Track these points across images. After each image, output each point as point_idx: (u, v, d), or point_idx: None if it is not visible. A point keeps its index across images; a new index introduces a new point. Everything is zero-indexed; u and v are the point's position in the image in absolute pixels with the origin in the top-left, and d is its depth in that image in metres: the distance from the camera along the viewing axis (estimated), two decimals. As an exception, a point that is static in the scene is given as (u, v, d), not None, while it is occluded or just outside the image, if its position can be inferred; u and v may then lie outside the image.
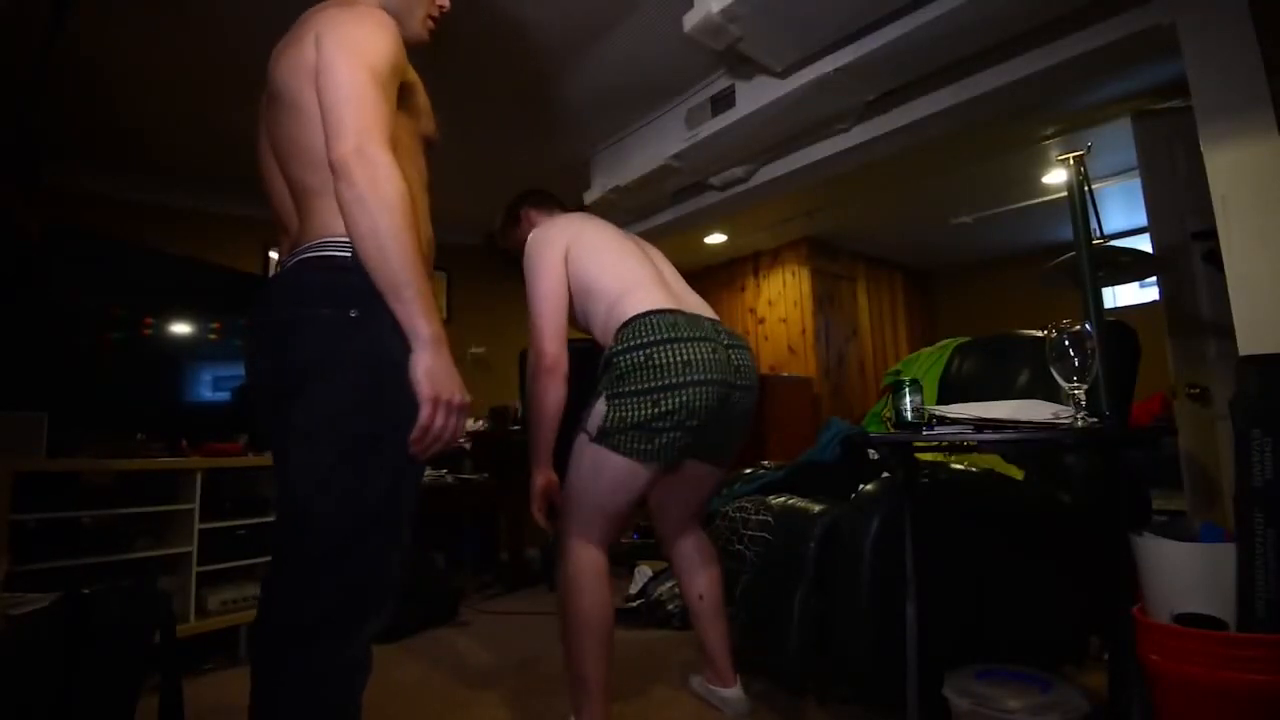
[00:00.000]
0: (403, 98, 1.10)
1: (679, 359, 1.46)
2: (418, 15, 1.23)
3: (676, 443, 1.48)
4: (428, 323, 0.95)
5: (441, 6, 1.27)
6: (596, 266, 1.62)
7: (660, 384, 1.44)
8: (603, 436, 1.48)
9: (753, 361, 1.66)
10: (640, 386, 1.45)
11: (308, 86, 1.02)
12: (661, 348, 1.47)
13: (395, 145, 1.00)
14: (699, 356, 1.48)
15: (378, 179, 0.94)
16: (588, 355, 1.66)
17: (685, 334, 1.50)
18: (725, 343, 1.58)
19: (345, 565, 0.97)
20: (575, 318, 1.67)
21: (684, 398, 1.44)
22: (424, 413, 0.95)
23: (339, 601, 0.97)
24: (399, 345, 0.97)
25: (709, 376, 1.48)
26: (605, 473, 1.50)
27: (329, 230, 1.01)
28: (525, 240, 1.71)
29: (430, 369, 0.95)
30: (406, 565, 1.06)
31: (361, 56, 1.00)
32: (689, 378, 1.45)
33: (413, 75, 1.15)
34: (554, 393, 1.55)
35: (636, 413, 1.45)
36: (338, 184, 0.95)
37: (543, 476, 1.61)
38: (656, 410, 1.44)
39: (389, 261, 0.94)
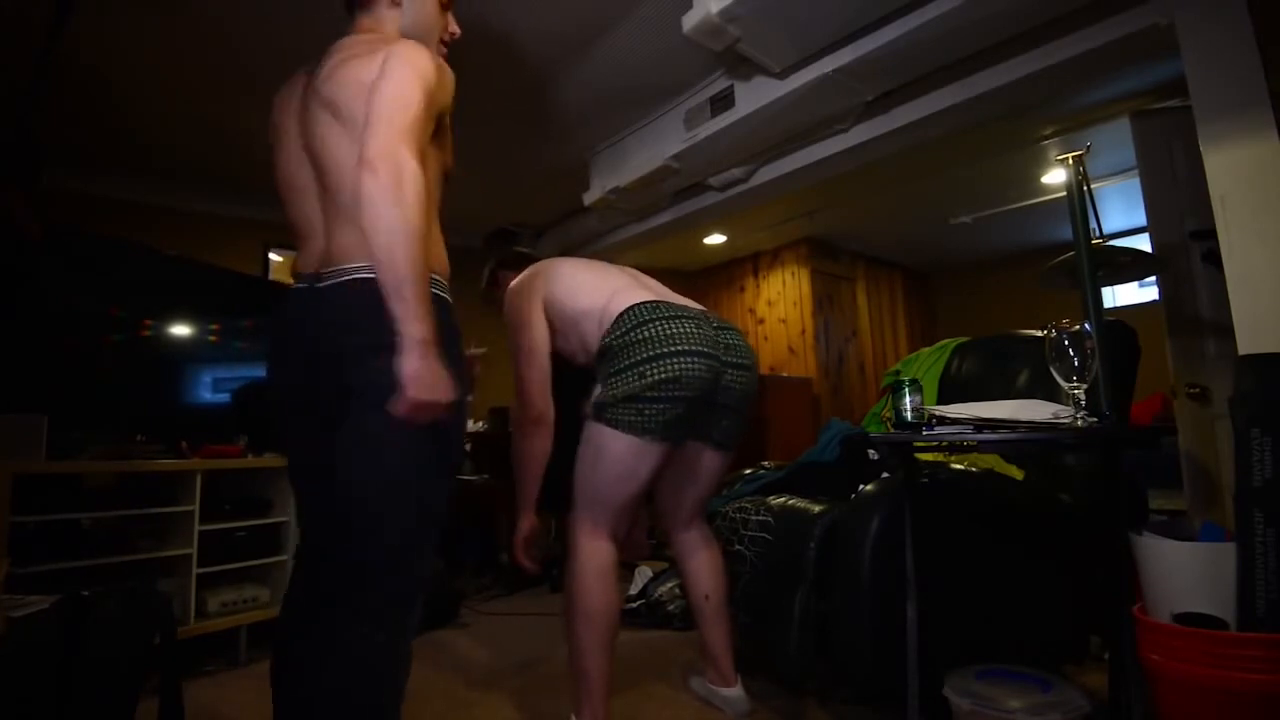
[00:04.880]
0: (438, 132, 1.16)
1: (663, 333, 1.52)
2: (431, 41, 1.29)
3: (668, 414, 1.50)
4: (422, 325, 0.97)
5: (453, 33, 1.34)
6: (578, 291, 1.67)
7: (646, 356, 1.50)
8: (598, 412, 1.53)
9: (746, 344, 1.70)
10: (628, 362, 1.51)
11: (363, 102, 1.06)
12: (646, 326, 1.53)
13: (423, 166, 1.04)
14: (682, 330, 1.54)
15: (403, 178, 0.98)
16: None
17: (667, 314, 1.56)
18: (713, 324, 1.63)
19: (401, 563, 1.05)
20: (575, 354, 1.71)
21: (670, 368, 1.49)
22: (400, 409, 0.97)
23: (364, 597, 1.03)
24: (453, 371, 1.03)
25: (693, 348, 1.52)
26: (606, 452, 1.53)
27: (360, 254, 1.06)
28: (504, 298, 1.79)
29: (416, 372, 0.96)
30: (430, 563, 1.14)
31: (422, 75, 1.07)
32: (672, 348, 1.50)
33: (449, 119, 1.22)
34: (539, 443, 1.64)
35: (626, 386, 1.50)
36: (362, 174, 0.98)
37: (527, 522, 1.68)
38: (644, 382, 1.48)
39: (396, 258, 0.96)
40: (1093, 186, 1.57)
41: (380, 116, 1.01)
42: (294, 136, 1.19)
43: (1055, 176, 3.80)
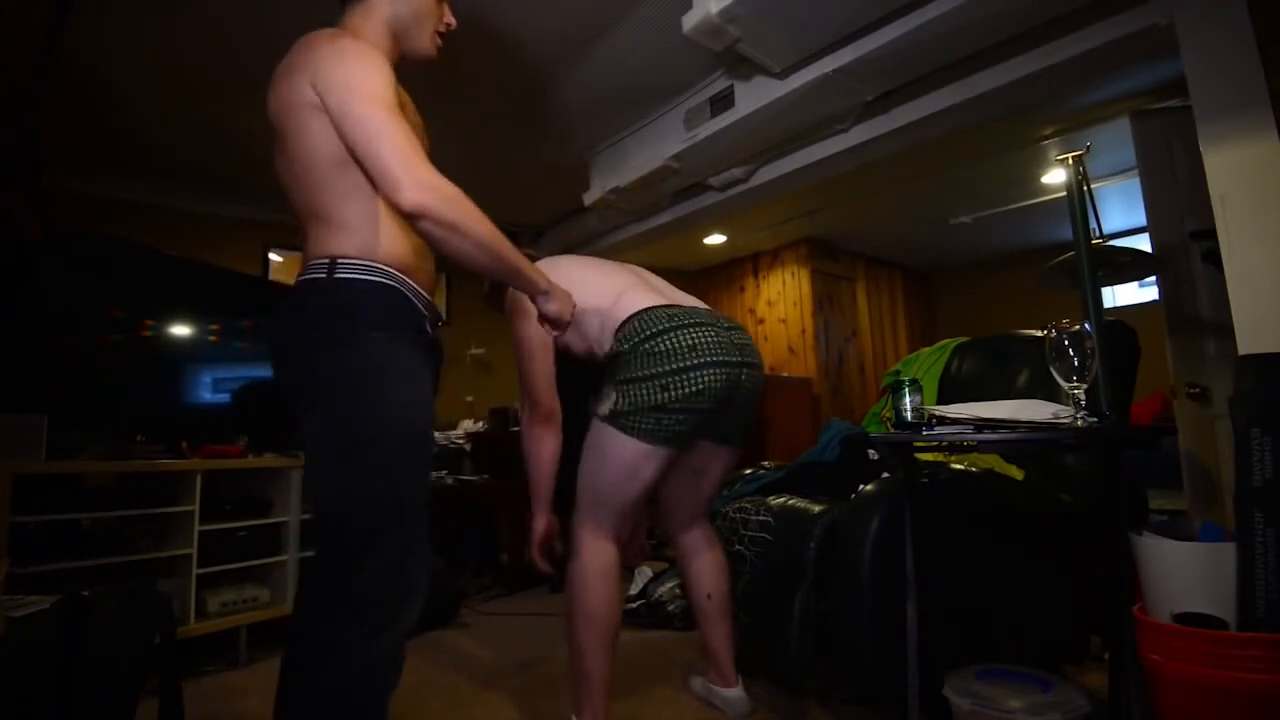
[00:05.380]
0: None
1: (684, 344, 1.49)
2: (426, 32, 1.27)
3: (686, 425, 1.49)
4: (542, 281, 1.21)
5: (449, 24, 1.32)
6: (582, 288, 1.63)
7: (669, 368, 1.46)
8: (614, 417, 1.50)
9: (751, 341, 1.68)
10: (650, 372, 1.47)
11: (294, 120, 1.08)
12: (664, 336, 1.49)
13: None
14: (703, 340, 1.50)
15: (450, 199, 1.03)
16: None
17: (685, 321, 1.53)
18: (725, 325, 1.61)
19: (367, 561, 1.04)
20: (571, 345, 1.68)
21: (695, 382, 1.46)
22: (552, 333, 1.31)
23: (361, 597, 1.04)
24: (381, 355, 1.08)
25: (716, 358, 1.50)
26: (616, 455, 1.51)
27: (318, 252, 1.10)
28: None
29: (553, 310, 1.25)
30: (426, 563, 1.13)
31: (372, 96, 1.05)
32: (697, 360, 1.47)
33: (403, 96, 1.20)
34: (550, 441, 1.62)
35: (649, 398, 1.46)
36: (421, 224, 1.02)
37: (542, 521, 1.66)
38: (668, 395, 1.46)
39: (501, 260, 1.11)
40: (1093, 186, 1.57)
41: (382, 165, 1.01)
42: None
43: (1055, 176, 3.80)
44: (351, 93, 1.04)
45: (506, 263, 1.13)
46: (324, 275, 1.07)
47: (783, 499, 1.94)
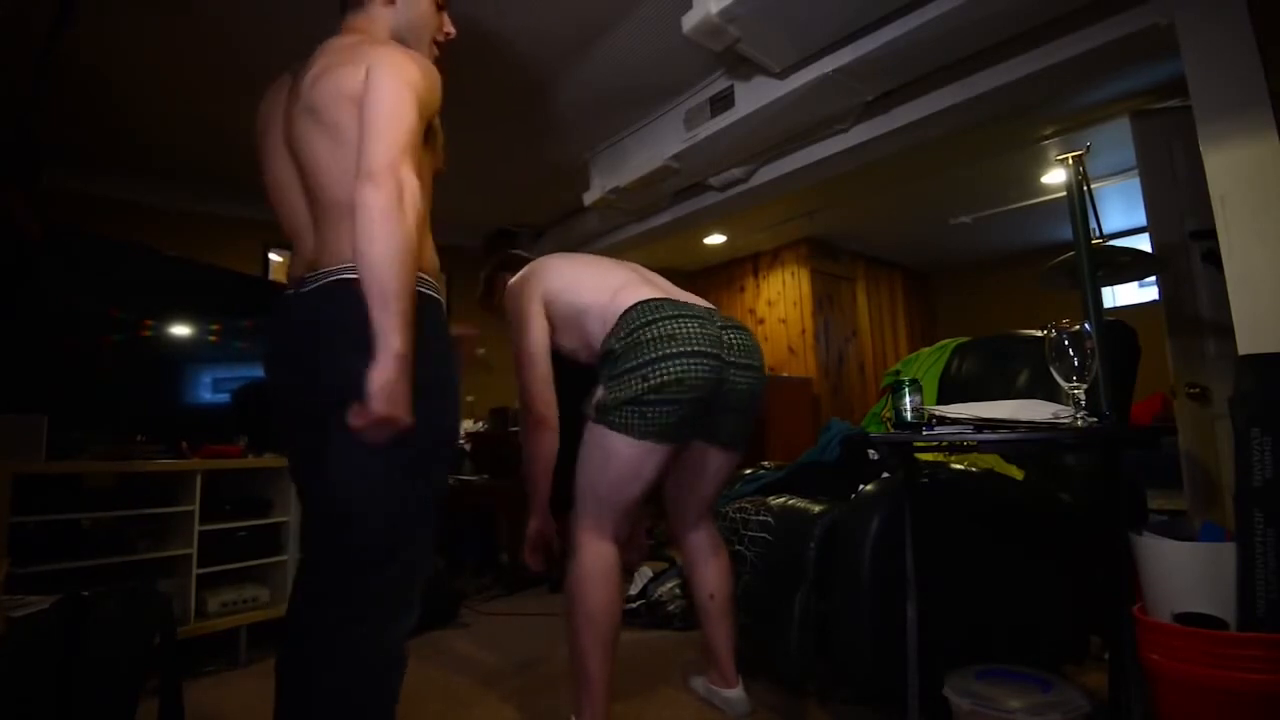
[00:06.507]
0: (428, 136, 1.16)
1: (664, 334, 1.50)
2: (425, 41, 1.28)
3: (672, 416, 1.49)
4: (403, 340, 0.95)
5: (448, 33, 1.33)
6: (579, 288, 1.66)
7: (648, 358, 1.47)
8: (600, 414, 1.51)
9: (753, 343, 1.67)
10: (630, 364, 1.49)
11: (351, 110, 1.06)
12: (647, 327, 1.51)
13: (417, 173, 1.05)
14: (684, 330, 1.51)
15: (404, 195, 0.99)
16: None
17: (670, 313, 1.53)
18: (719, 323, 1.60)
19: (393, 562, 1.05)
20: (576, 351, 1.69)
21: (672, 370, 1.47)
22: (360, 422, 0.94)
23: (375, 598, 1.04)
24: (444, 368, 1.08)
25: (696, 348, 1.50)
26: (610, 454, 1.51)
27: None
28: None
29: (386, 384, 0.93)
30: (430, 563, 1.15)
31: (410, 83, 1.06)
32: (674, 349, 1.48)
33: (438, 120, 1.21)
34: (546, 443, 1.63)
35: (629, 390, 1.47)
36: (363, 186, 0.98)
37: (537, 522, 1.68)
38: (647, 385, 1.46)
39: (390, 269, 0.96)
40: (1093, 186, 1.57)
41: (377, 133, 1.01)
42: (279, 139, 1.19)
43: (1055, 176, 3.80)
44: (395, 75, 1.05)
45: (393, 286, 0.96)
46: (356, 277, 1.02)
47: (783, 499, 1.94)
